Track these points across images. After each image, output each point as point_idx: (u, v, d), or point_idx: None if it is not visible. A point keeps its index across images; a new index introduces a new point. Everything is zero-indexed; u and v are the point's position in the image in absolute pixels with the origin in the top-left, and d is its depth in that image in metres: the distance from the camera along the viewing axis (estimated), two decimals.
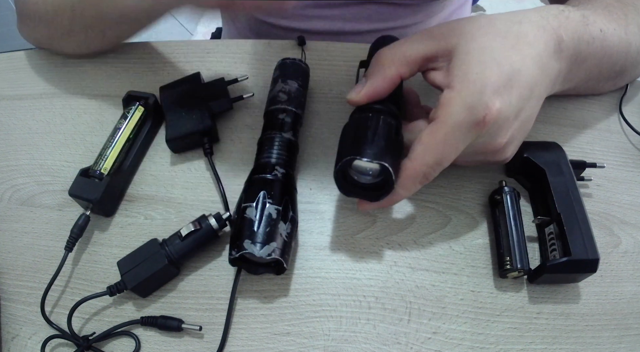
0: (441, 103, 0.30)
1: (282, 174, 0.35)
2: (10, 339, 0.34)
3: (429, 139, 0.30)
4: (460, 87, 0.30)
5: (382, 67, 0.33)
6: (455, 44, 0.31)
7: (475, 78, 0.30)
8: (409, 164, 0.31)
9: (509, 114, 0.31)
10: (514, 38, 0.31)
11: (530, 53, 0.31)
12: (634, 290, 0.36)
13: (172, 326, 0.33)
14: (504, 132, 0.32)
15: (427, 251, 0.37)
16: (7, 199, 0.40)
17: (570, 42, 0.34)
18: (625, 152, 0.43)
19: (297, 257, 0.36)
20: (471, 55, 0.30)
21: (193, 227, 0.34)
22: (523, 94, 0.31)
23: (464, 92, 0.30)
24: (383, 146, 0.30)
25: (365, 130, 0.31)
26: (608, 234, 0.38)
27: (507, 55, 0.30)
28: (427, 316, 0.34)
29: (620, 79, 0.44)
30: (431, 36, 0.32)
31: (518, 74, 0.30)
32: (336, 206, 0.39)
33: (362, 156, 0.30)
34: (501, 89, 0.30)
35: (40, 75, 0.47)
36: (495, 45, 0.31)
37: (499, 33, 0.31)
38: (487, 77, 0.29)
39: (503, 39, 0.31)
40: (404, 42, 0.33)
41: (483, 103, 0.29)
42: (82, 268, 0.36)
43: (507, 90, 0.30)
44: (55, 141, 0.42)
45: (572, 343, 0.34)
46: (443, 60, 0.32)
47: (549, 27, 0.33)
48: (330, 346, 0.33)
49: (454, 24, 0.32)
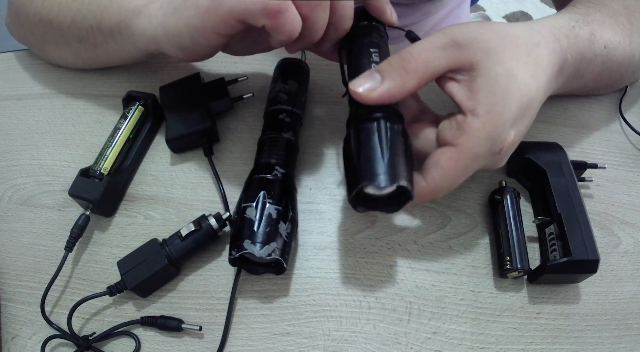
0: (465, 130, 0.29)
1: (282, 174, 0.35)
2: (10, 339, 0.34)
3: (449, 166, 0.30)
4: (486, 119, 0.29)
5: (406, 75, 0.30)
6: (480, 61, 0.30)
7: (501, 111, 0.29)
8: (424, 185, 0.30)
9: (518, 140, 0.32)
10: (533, 64, 0.31)
11: (543, 80, 0.31)
12: (634, 290, 0.36)
13: (172, 326, 0.33)
14: (509, 154, 0.33)
15: (427, 251, 0.37)
16: (7, 199, 0.40)
17: (573, 62, 0.35)
18: (625, 152, 0.43)
19: (297, 257, 0.36)
20: (497, 81, 0.29)
21: (193, 227, 0.34)
22: (531, 120, 0.32)
23: (489, 125, 0.29)
24: (396, 163, 0.28)
25: (372, 145, 0.28)
26: (608, 234, 0.38)
27: (528, 85, 0.30)
28: (427, 316, 0.34)
29: (619, 84, 0.44)
30: (456, 44, 0.30)
31: (532, 104, 0.31)
32: (336, 206, 0.39)
33: (376, 182, 0.27)
34: (518, 120, 0.30)
35: (40, 75, 0.47)
36: (520, 74, 0.30)
37: (521, 57, 0.31)
38: (511, 110, 0.29)
39: (525, 64, 0.31)
40: (429, 47, 0.30)
41: (503, 136, 0.30)
42: (82, 268, 0.36)
43: (522, 120, 0.31)
44: (55, 141, 0.42)
45: (572, 343, 0.34)
46: (465, 74, 0.30)
47: (559, 49, 0.33)
48: (330, 346, 0.33)
49: (477, 35, 0.31)
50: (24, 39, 0.47)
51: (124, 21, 0.37)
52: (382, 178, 0.27)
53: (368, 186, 0.28)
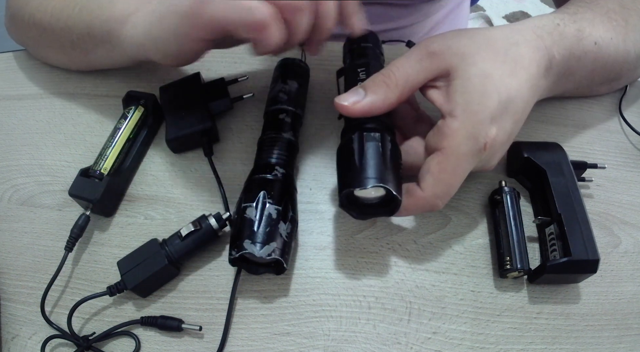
0: (445, 133, 0.31)
1: (282, 174, 0.35)
2: (10, 339, 0.34)
3: (440, 170, 0.31)
4: (463, 118, 0.30)
5: (386, 88, 0.32)
6: (456, 66, 0.31)
7: (477, 109, 0.30)
8: (420, 194, 0.31)
9: (504, 138, 0.32)
10: (511, 62, 0.32)
11: (525, 78, 0.32)
12: (634, 290, 0.36)
13: (172, 326, 0.33)
14: (498, 155, 0.33)
15: (427, 251, 0.37)
16: (7, 199, 0.40)
17: (561, 59, 0.35)
18: (625, 152, 0.43)
19: (297, 257, 0.36)
20: (472, 82, 0.31)
21: (193, 227, 0.34)
22: (516, 118, 0.32)
23: (467, 123, 0.30)
24: (380, 167, 0.30)
25: (354, 154, 0.31)
26: (608, 234, 0.38)
27: (506, 83, 0.31)
28: (427, 316, 0.34)
29: (617, 83, 0.44)
30: (431, 56, 0.32)
31: (514, 101, 0.31)
32: (336, 206, 0.39)
33: (359, 186, 0.30)
34: (497, 117, 0.31)
35: (40, 75, 0.47)
36: (495, 73, 0.31)
37: (497, 57, 0.31)
38: (488, 107, 0.30)
39: (502, 63, 0.31)
40: (406, 62, 0.32)
41: (484, 132, 0.30)
42: (82, 268, 0.36)
43: (503, 117, 0.31)
44: (55, 141, 0.42)
45: (572, 343, 0.34)
46: (442, 80, 0.32)
47: (542, 46, 0.34)
48: (330, 346, 0.33)
49: (452, 42, 0.32)
50: (21, 41, 0.47)
51: (113, 29, 0.37)
52: (366, 181, 0.30)
53: (354, 190, 0.30)
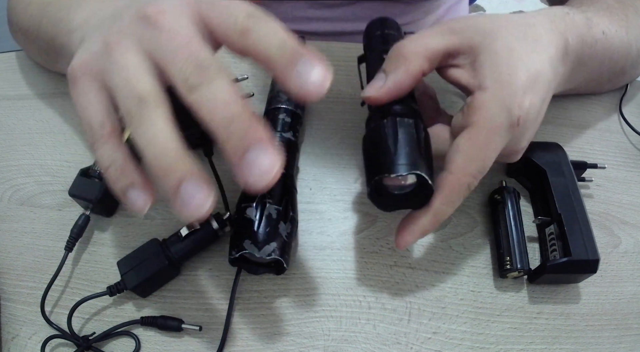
0: (476, 107, 0.29)
1: (282, 174, 0.35)
2: (10, 339, 0.34)
3: (469, 146, 0.29)
4: (494, 89, 0.29)
5: (405, 61, 0.30)
6: (480, 42, 0.30)
7: (509, 79, 0.29)
8: (451, 177, 0.29)
9: (535, 114, 0.30)
10: (532, 40, 0.31)
11: (546, 56, 0.31)
12: (634, 290, 0.36)
13: (172, 326, 0.33)
14: (529, 134, 0.31)
15: (427, 251, 0.37)
16: (7, 199, 0.40)
17: (575, 45, 0.34)
18: (625, 152, 0.43)
19: (297, 257, 0.36)
20: (499, 55, 0.30)
21: (193, 228, 0.34)
22: (544, 95, 0.31)
23: (499, 94, 0.29)
24: (410, 153, 0.28)
25: (387, 140, 0.28)
26: (608, 234, 0.38)
27: (531, 57, 0.30)
28: (427, 316, 0.34)
29: (620, 79, 0.44)
30: (452, 31, 0.31)
31: (540, 76, 0.30)
32: (336, 206, 0.39)
33: (392, 172, 0.27)
34: (529, 89, 0.29)
35: (40, 75, 0.47)
36: (519, 47, 0.30)
37: (519, 34, 0.31)
38: (519, 78, 0.29)
39: (524, 40, 0.31)
40: (425, 34, 0.31)
41: (517, 103, 0.29)
42: (82, 268, 0.36)
43: (534, 90, 0.30)
44: (55, 141, 0.42)
45: (572, 343, 0.34)
46: (465, 57, 0.31)
47: (557, 30, 0.33)
48: (330, 346, 0.33)
49: (472, 21, 0.31)
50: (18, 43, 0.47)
51: (65, 43, 0.35)
52: (396, 167, 0.27)
53: (384, 177, 0.28)
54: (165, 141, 0.23)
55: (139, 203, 0.25)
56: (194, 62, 0.23)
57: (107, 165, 0.25)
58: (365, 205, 0.39)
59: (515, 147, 0.32)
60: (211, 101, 0.22)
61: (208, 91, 0.22)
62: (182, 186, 0.22)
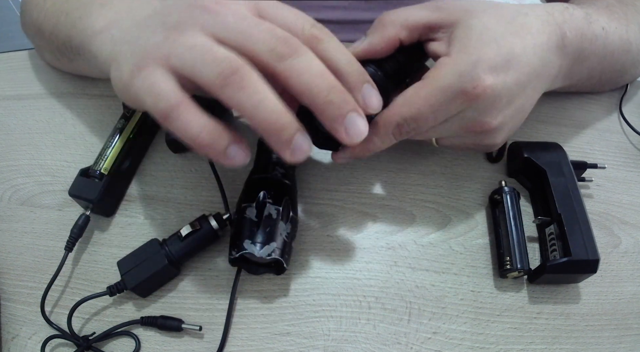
0: (435, 66, 0.31)
1: (282, 174, 0.35)
2: (10, 339, 0.34)
3: (411, 93, 0.31)
4: (456, 56, 0.30)
5: (382, 27, 0.32)
6: (459, 18, 0.31)
7: (473, 51, 0.30)
8: (385, 112, 0.31)
9: (502, 94, 0.31)
10: (518, 26, 0.32)
11: (532, 42, 0.32)
12: (634, 290, 0.36)
13: (172, 326, 0.33)
14: (494, 112, 0.32)
15: (427, 251, 0.37)
16: (7, 199, 0.40)
17: (573, 39, 0.34)
18: (625, 152, 0.43)
19: (297, 257, 0.36)
20: (473, 30, 0.31)
21: (193, 228, 0.34)
22: (520, 79, 0.31)
23: (457, 60, 0.30)
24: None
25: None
26: (608, 234, 0.38)
27: (508, 39, 0.31)
28: (427, 316, 0.34)
29: (621, 78, 0.44)
30: (437, 7, 0.33)
31: (517, 59, 0.31)
32: (336, 206, 0.39)
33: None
34: (498, 67, 0.30)
35: (40, 75, 0.47)
36: (498, 28, 0.31)
37: (504, 18, 0.32)
38: (485, 52, 0.30)
39: (507, 24, 0.31)
40: (410, 8, 0.33)
41: (475, 74, 0.29)
42: (82, 268, 0.36)
43: (504, 70, 0.30)
44: (55, 141, 0.42)
45: (572, 343, 0.34)
46: (444, 31, 0.32)
47: (553, 22, 0.33)
48: (330, 346, 0.33)
49: (462, 1, 0.33)
50: (30, 39, 0.47)
51: (84, 43, 0.36)
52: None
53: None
54: (273, 103, 0.24)
55: (240, 156, 0.25)
56: (276, 36, 0.24)
57: (198, 132, 0.25)
58: (365, 205, 0.39)
59: (481, 123, 0.32)
60: (307, 71, 0.24)
61: (302, 61, 0.24)
62: (294, 139, 0.24)
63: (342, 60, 0.26)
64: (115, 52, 0.30)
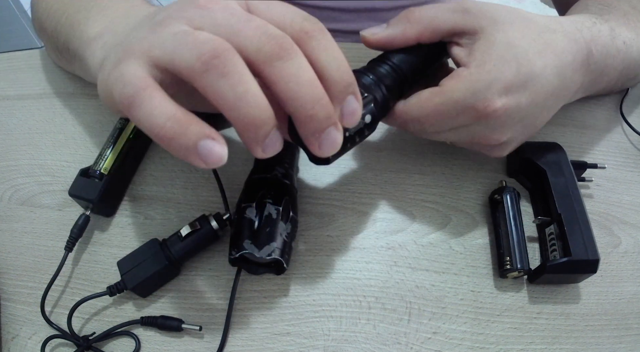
0: (452, 75, 0.31)
1: (282, 173, 0.35)
2: (10, 339, 0.34)
3: (426, 98, 0.31)
4: (474, 70, 0.30)
5: (406, 23, 0.32)
6: (484, 28, 0.31)
7: (491, 69, 0.29)
8: (400, 106, 0.32)
9: (514, 114, 0.31)
10: (543, 44, 0.31)
11: (554, 63, 0.31)
12: (634, 290, 0.36)
13: (172, 326, 0.33)
14: (504, 130, 0.32)
15: (427, 251, 0.37)
16: (7, 199, 0.40)
17: (599, 56, 0.34)
18: (625, 152, 0.43)
19: (297, 257, 0.36)
20: (495, 46, 0.30)
21: (193, 228, 0.34)
22: (535, 100, 0.31)
23: (474, 77, 0.30)
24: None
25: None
26: (608, 234, 0.38)
27: (530, 59, 0.30)
28: (427, 316, 0.34)
29: (630, 83, 0.44)
30: (465, 10, 0.32)
31: (535, 79, 0.30)
32: (336, 206, 0.39)
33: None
34: (513, 88, 0.30)
35: (40, 75, 0.47)
36: (522, 45, 0.30)
37: (530, 34, 0.31)
38: (503, 72, 0.29)
39: (532, 41, 0.31)
40: (439, 7, 0.32)
41: (489, 95, 0.29)
42: (82, 268, 0.36)
43: (520, 91, 0.30)
44: (55, 141, 0.42)
45: (572, 343, 0.34)
46: (468, 38, 0.31)
47: (582, 40, 0.33)
48: (330, 346, 0.33)
49: (491, 8, 0.32)
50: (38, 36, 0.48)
51: (80, 49, 0.35)
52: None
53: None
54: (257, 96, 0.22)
55: (215, 154, 0.22)
56: (266, 33, 0.22)
57: (164, 121, 0.21)
58: (365, 205, 0.39)
59: (489, 138, 0.32)
60: (294, 78, 0.22)
61: (291, 66, 0.22)
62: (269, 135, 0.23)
63: (332, 64, 0.23)
64: (104, 57, 0.28)
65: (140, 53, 0.23)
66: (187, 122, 0.21)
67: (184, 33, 0.22)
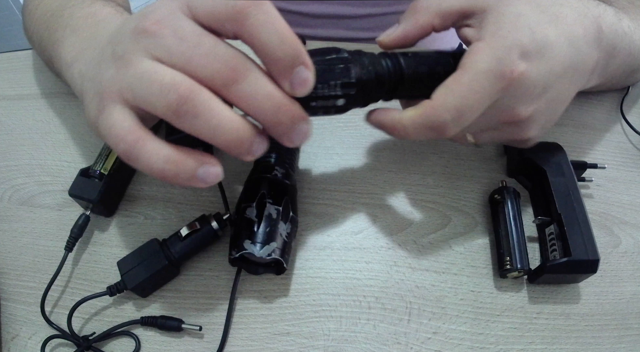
0: (468, 52, 0.29)
1: (282, 174, 0.35)
2: (10, 339, 0.34)
3: (453, 82, 0.29)
4: (490, 40, 0.29)
5: (415, 14, 0.32)
6: (492, 4, 0.30)
7: (507, 35, 0.29)
8: (428, 103, 0.29)
9: (536, 81, 0.30)
10: (552, 15, 0.31)
11: (566, 33, 0.31)
12: (634, 290, 0.36)
13: (172, 326, 0.33)
14: (527, 101, 0.31)
15: (427, 251, 0.37)
16: (7, 199, 0.40)
17: (608, 33, 0.34)
18: (625, 152, 0.43)
19: (297, 257, 0.36)
20: (506, 16, 0.30)
21: (193, 228, 0.34)
22: (554, 68, 0.30)
23: (493, 44, 0.29)
24: None
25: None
26: (608, 234, 0.38)
27: (543, 27, 0.30)
28: (427, 316, 0.34)
29: (632, 78, 0.44)
30: None
31: (551, 47, 0.30)
32: (336, 206, 0.39)
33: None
34: (531, 54, 0.29)
35: (40, 75, 0.47)
36: (532, 16, 0.30)
37: (538, 7, 0.31)
38: (518, 38, 0.29)
39: (541, 13, 0.30)
40: None
41: (511, 58, 0.28)
42: (82, 268, 0.36)
43: (538, 57, 0.29)
44: (55, 141, 0.42)
45: (572, 343, 0.34)
46: (477, 17, 0.31)
47: (590, 15, 0.33)
48: (330, 346, 0.33)
49: None
50: None
51: (62, 71, 0.36)
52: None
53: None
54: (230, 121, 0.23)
55: (211, 175, 0.25)
56: (217, 58, 0.23)
57: (162, 165, 0.24)
58: (365, 205, 0.39)
59: (513, 112, 0.31)
60: (252, 97, 0.23)
61: (247, 87, 0.23)
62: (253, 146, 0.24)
63: (272, 40, 0.23)
64: (83, 89, 0.30)
65: (115, 96, 0.25)
66: (182, 159, 0.24)
67: (148, 76, 0.23)
